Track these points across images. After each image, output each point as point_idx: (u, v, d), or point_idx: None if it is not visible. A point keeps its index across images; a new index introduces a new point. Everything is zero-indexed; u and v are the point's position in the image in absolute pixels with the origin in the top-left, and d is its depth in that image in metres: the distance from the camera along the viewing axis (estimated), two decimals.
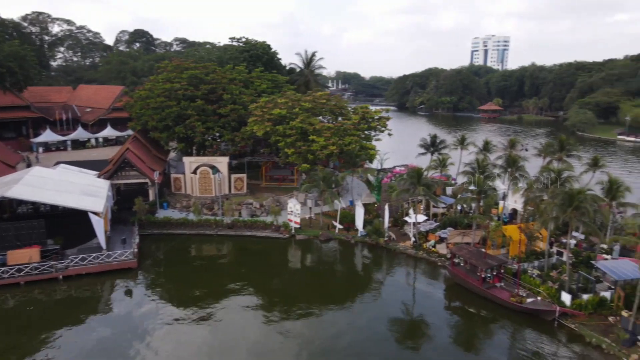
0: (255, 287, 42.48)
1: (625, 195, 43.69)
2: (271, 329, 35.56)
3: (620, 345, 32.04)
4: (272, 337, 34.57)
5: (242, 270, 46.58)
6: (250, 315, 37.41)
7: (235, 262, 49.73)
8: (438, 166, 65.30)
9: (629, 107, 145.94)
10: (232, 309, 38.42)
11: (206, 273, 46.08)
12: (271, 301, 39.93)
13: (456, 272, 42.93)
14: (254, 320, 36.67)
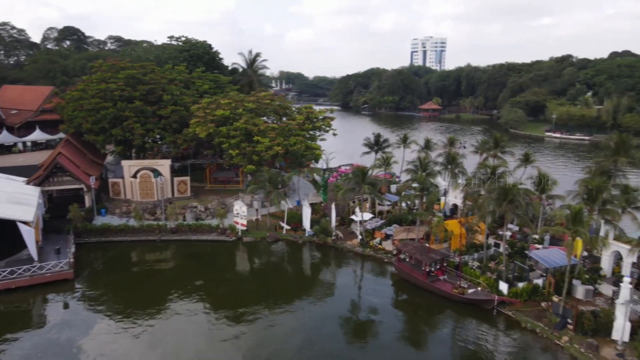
0: (200, 293, 41.39)
1: (553, 188, 46.77)
2: (216, 336, 34.67)
3: (552, 329, 34.23)
4: (216, 345, 33.64)
5: (188, 276, 45.18)
6: (195, 323, 36.29)
7: (180, 268, 48.18)
8: (382, 165, 66.72)
9: (554, 106, 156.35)
10: (175, 318, 37.06)
11: (149, 281, 44.35)
12: (218, 306, 39.04)
13: (402, 268, 44.06)
14: (198, 328, 35.61)
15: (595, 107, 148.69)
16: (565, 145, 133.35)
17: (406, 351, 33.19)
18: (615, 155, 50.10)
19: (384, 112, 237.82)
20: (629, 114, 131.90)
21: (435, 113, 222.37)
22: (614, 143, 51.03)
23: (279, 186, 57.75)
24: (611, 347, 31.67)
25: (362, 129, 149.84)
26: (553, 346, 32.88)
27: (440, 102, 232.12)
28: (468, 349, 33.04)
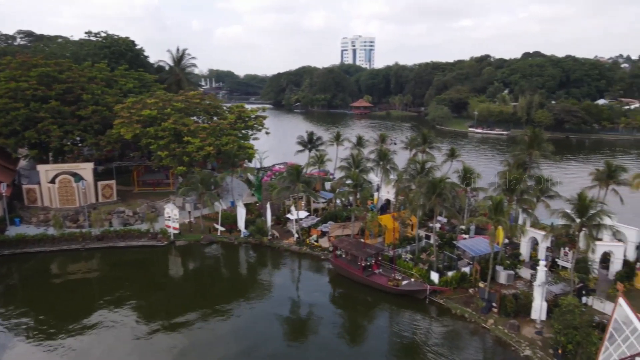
0: (131, 302, 39.33)
1: (476, 181, 49.55)
2: (150, 349, 32.97)
3: (479, 313, 36.32)
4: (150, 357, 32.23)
5: (116, 285, 42.71)
6: (127, 336, 34.28)
7: (107, 278, 45.38)
8: (316, 162, 67.22)
9: (476, 103, 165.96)
10: (104, 333, 34.73)
11: (72, 294, 41.38)
12: (151, 316, 37.22)
13: (338, 264, 44.66)
14: (130, 341, 33.66)
15: (512, 104, 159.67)
16: (486, 139, 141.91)
17: (346, 346, 33.65)
18: (529, 148, 54.02)
19: (317, 110, 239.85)
20: (541, 109, 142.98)
21: (367, 110, 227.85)
22: (528, 137, 54.99)
23: (211, 187, 56.32)
24: (531, 326, 34.17)
25: (295, 128, 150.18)
26: (480, 329, 34.88)
27: (371, 99, 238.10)
28: (404, 338, 34.18)
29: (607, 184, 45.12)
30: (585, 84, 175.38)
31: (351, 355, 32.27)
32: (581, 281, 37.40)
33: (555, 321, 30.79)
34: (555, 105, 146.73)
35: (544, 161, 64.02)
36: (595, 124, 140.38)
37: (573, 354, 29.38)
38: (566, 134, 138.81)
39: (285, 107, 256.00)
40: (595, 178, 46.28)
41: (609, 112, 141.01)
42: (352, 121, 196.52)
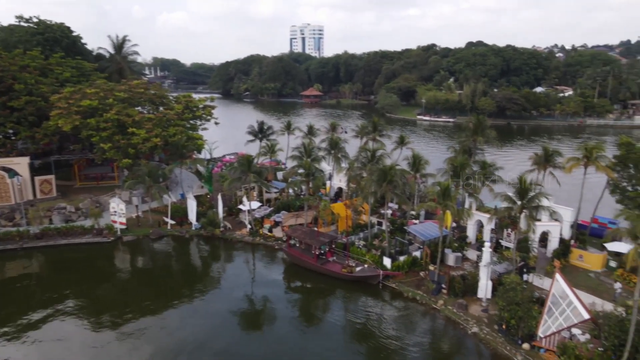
0: (75, 302, 37.56)
1: (425, 168, 50.91)
2: (97, 349, 31.79)
3: (430, 295, 37.60)
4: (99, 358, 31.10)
5: (59, 285, 40.62)
6: (71, 339, 32.71)
7: (48, 278, 43.07)
8: (267, 152, 66.62)
9: (423, 91, 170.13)
10: (44, 338, 32.88)
11: (9, 298, 38.85)
12: (98, 315, 35.67)
13: (293, 253, 44.71)
14: (75, 345, 32.32)
15: (457, 92, 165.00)
16: (434, 127, 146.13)
17: (302, 335, 33.84)
18: (474, 135, 56.04)
19: (267, 99, 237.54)
20: (484, 97, 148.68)
21: (317, 99, 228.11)
22: (472, 124, 57.00)
23: (159, 180, 54.59)
24: (477, 305, 35.79)
25: (245, 117, 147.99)
26: (431, 310, 36.13)
27: (321, 88, 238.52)
28: (359, 323, 34.81)
29: (544, 167, 47.63)
30: (524, 72, 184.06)
31: (307, 342, 32.49)
32: (522, 260, 39.51)
33: (499, 299, 32.40)
34: (497, 93, 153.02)
35: (488, 147, 66.70)
36: (533, 110, 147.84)
37: (516, 328, 31.09)
38: (507, 120, 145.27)
39: (234, 96, 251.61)
40: (534, 162, 48.71)
41: (545, 99, 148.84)
42: (303, 110, 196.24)
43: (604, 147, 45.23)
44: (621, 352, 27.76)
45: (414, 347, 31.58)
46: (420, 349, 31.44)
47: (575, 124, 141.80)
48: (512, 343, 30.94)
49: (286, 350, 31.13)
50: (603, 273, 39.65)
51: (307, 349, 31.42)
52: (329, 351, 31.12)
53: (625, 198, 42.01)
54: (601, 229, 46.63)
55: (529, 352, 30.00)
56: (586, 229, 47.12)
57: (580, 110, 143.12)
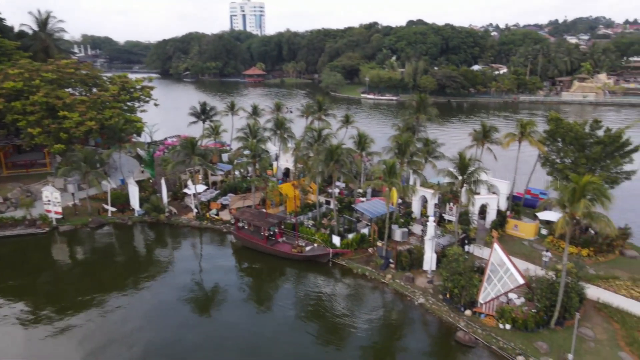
0: (6, 300, 35.26)
1: (371, 146, 51.64)
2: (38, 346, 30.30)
3: (378, 270, 38.71)
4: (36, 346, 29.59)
5: None
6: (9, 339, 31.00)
7: None
8: (211, 134, 64.94)
9: (367, 69, 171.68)
10: None
11: None
12: (37, 311, 33.80)
13: (242, 236, 44.29)
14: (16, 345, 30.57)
15: (399, 70, 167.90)
16: (378, 105, 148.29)
17: (254, 318, 33.79)
18: (416, 112, 57.47)
19: (208, 79, 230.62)
20: (425, 75, 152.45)
21: (260, 78, 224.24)
22: (415, 102, 58.38)
23: (97, 165, 51.81)
24: (423, 277, 37.31)
25: (186, 98, 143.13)
26: (380, 285, 37.25)
27: (264, 67, 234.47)
28: (311, 301, 35.27)
29: (483, 143, 49.86)
30: (462, 51, 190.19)
31: (259, 324, 32.55)
32: (464, 232, 41.46)
33: (443, 270, 33.94)
34: (437, 71, 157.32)
35: (430, 124, 68.73)
36: (471, 88, 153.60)
37: (459, 296, 32.78)
38: (448, 98, 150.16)
39: (173, 76, 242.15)
40: (473, 138, 50.86)
41: (482, 77, 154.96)
42: (247, 89, 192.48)
43: (535, 122, 47.93)
44: (552, 312, 30.07)
45: (364, 321, 32.51)
46: (371, 323, 32.42)
47: (509, 100, 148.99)
48: (455, 310, 32.61)
49: (238, 336, 30.99)
50: (535, 241, 42.48)
51: (258, 333, 31.39)
52: (281, 334, 31.30)
53: (555, 170, 44.89)
54: (534, 200, 49.76)
55: (471, 317, 31.77)
56: (520, 200, 50.10)
57: (514, 87, 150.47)
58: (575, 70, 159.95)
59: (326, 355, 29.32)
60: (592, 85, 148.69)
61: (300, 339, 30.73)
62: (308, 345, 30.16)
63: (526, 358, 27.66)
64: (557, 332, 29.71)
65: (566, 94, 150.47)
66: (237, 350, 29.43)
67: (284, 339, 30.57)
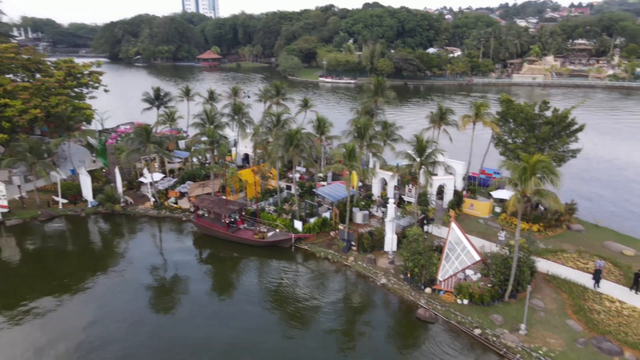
0: None
1: (330, 130, 51.70)
2: None
3: (341, 253, 39.15)
4: None
5: None
6: None
7: None
8: (167, 120, 63.08)
9: (324, 53, 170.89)
10: None
11: None
12: None
13: (202, 224, 43.56)
14: None
15: (357, 53, 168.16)
16: (336, 89, 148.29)
17: (217, 305, 33.49)
18: (375, 96, 57.83)
19: (161, 64, 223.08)
20: (382, 58, 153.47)
21: (216, 62, 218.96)
22: (373, 85, 58.69)
23: (44, 155, 49.31)
24: (384, 258, 38.08)
25: (138, 83, 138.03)
26: (343, 267, 37.73)
27: (219, 51, 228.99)
28: (274, 286, 35.30)
29: (439, 125, 50.95)
30: (417, 34, 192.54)
31: (222, 313, 32.31)
32: (423, 213, 42.49)
33: (403, 250, 34.72)
34: (394, 54, 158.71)
35: (388, 107, 69.54)
36: (427, 71, 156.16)
37: (419, 275, 33.72)
38: (405, 81, 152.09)
39: (124, 60, 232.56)
40: (430, 120, 51.85)
41: (437, 60, 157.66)
42: (202, 74, 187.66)
43: (489, 104, 49.37)
44: (506, 286, 31.49)
45: (328, 304, 32.90)
46: (335, 305, 32.86)
47: (464, 83, 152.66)
48: (416, 289, 33.56)
49: (200, 327, 30.64)
50: (490, 219, 44.16)
51: (222, 322, 31.14)
52: (245, 321, 31.13)
53: (507, 150, 46.54)
54: (488, 179, 51.57)
55: (430, 295, 32.80)
56: (475, 180, 51.79)
57: (468, 69, 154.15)
58: (525, 52, 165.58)
59: (291, 340, 29.52)
60: (541, 68, 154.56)
61: (265, 325, 30.73)
62: (273, 331, 30.23)
63: (483, 330, 28.92)
64: (510, 304, 31.19)
65: (517, 76, 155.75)
66: (200, 342, 29.13)
67: (248, 327, 30.47)
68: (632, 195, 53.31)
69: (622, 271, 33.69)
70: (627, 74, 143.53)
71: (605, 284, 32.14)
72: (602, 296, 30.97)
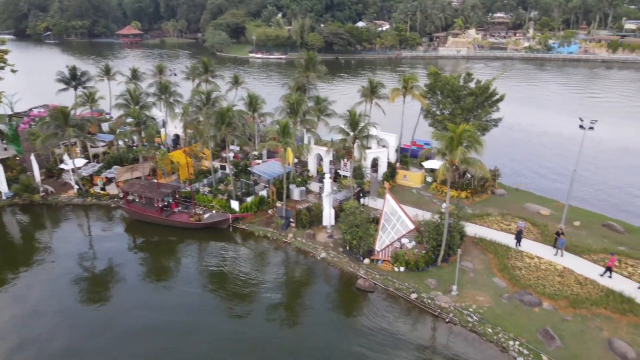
0: None
1: (263, 107, 50.93)
2: None
3: (280, 230, 39.17)
4: None
5: None
6: None
7: None
8: (86, 102, 58.89)
9: (253, 27, 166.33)
10: None
11: None
12: None
13: (133, 209, 41.65)
14: None
15: (286, 28, 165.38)
16: (267, 64, 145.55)
17: (156, 294, 32.39)
18: (306, 71, 57.48)
19: (75, 40, 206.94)
20: (312, 33, 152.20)
21: (137, 39, 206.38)
22: (304, 60, 58.20)
23: None
24: (323, 232, 38.61)
25: (51, 62, 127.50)
26: (282, 244, 37.82)
27: (140, 26, 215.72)
28: (214, 268, 34.72)
29: (371, 99, 51.74)
30: (346, 7, 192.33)
31: (161, 297, 31.35)
32: (358, 186, 43.34)
33: (341, 223, 35.40)
34: (324, 28, 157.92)
35: (320, 82, 69.43)
36: (357, 45, 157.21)
37: (357, 247, 34.61)
38: (336, 55, 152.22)
39: (32, 37, 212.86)
40: (362, 94, 52.49)
41: (367, 33, 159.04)
42: (123, 51, 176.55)
43: (417, 77, 50.74)
44: (439, 251, 33.18)
45: (270, 281, 32.98)
46: (277, 282, 33.01)
47: (393, 56, 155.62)
48: (355, 260, 34.47)
49: (139, 318, 29.58)
50: (422, 188, 46.00)
51: (163, 309, 30.31)
52: (186, 307, 30.44)
53: (435, 121, 48.33)
54: (419, 150, 53.43)
55: (369, 265, 33.86)
56: (408, 152, 53.50)
57: (397, 43, 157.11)
58: (449, 26, 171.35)
59: (234, 319, 29.36)
60: (464, 41, 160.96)
61: (206, 307, 30.30)
62: (215, 312, 29.89)
63: (419, 294, 30.41)
64: (443, 268, 32.97)
65: (442, 49, 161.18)
66: (141, 332, 28.17)
67: (188, 310, 29.87)
68: (546, 160, 57.72)
69: (540, 230, 36.60)
70: (540, 45, 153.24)
71: (525, 242, 34.79)
72: (523, 254, 33.54)
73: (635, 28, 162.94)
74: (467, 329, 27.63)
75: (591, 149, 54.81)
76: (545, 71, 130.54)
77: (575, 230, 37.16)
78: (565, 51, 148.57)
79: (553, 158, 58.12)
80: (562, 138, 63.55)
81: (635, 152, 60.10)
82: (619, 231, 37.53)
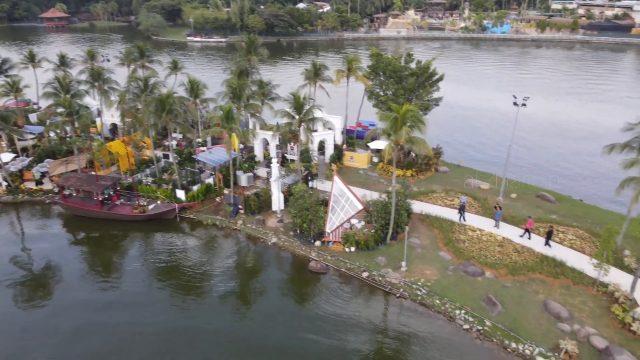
0: None
1: (204, 92, 49.39)
2: None
3: (229, 218, 38.58)
4: None
5: None
6: None
7: None
8: (10, 91, 54.49)
9: (189, 10, 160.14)
10: None
11: None
12: None
13: (71, 204, 39.46)
14: None
15: (225, 10, 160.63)
16: (206, 48, 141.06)
17: (98, 289, 31.00)
18: (248, 54, 56.23)
19: None
20: (252, 15, 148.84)
21: (63, 22, 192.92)
22: (245, 43, 56.85)
23: None
24: (273, 217, 38.45)
25: None
26: (232, 232, 37.31)
27: (66, 9, 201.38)
28: (162, 260, 33.65)
29: (315, 81, 51.51)
30: None
31: (106, 295, 30.08)
32: (306, 169, 43.38)
33: (291, 208, 35.35)
34: (264, 10, 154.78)
35: (263, 65, 68.21)
36: (299, 27, 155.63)
37: (308, 230, 34.78)
38: (277, 37, 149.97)
39: None
40: (306, 77, 52.13)
41: (308, 15, 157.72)
42: (49, 36, 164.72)
43: (360, 58, 51.03)
44: (387, 229, 34.01)
45: (221, 269, 32.52)
46: (228, 270, 32.61)
47: (335, 38, 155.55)
48: (306, 243, 34.66)
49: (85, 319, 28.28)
50: (369, 169, 46.77)
51: (111, 306, 29.15)
52: (136, 303, 29.47)
53: (379, 102, 49.04)
54: (365, 132, 54.13)
55: (320, 247, 34.18)
56: (353, 133, 54.02)
57: (338, 25, 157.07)
58: (389, 7, 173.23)
59: (185, 311, 28.74)
60: (404, 22, 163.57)
61: (155, 301, 29.44)
62: (165, 304, 29.09)
63: (370, 273, 31.14)
64: (392, 245, 33.88)
65: (383, 30, 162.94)
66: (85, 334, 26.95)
67: (137, 305, 28.92)
68: (483, 136, 60.39)
69: (480, 203, 38.39)
70: (476, 26, 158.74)
71: (467, 216, 36.38)
72: (466, 227, 35.09)
73: (561, 8, 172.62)
74: (417, 302, 28.69)
75: (525, 124, 57.88)
76: (481, 50, 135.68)
77: (512, 202, 39.29)
78: (498, 31, 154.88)
79: (491, 134, 60.90)
80: (499, 114, 66.62)
81: (563, 126, 64.18)
82: (551, 201, 40.14)
